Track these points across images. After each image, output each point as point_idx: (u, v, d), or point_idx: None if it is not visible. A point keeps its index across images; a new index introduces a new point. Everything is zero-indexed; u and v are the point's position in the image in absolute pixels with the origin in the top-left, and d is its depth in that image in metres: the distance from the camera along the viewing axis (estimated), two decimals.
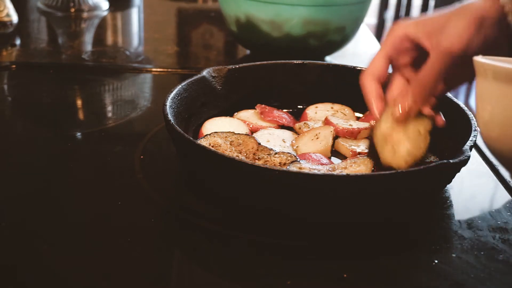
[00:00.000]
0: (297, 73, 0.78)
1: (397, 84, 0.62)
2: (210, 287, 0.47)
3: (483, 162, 0.69)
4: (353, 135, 0.69)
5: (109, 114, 0.81)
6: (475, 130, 0.58)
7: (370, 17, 3.19)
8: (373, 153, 0.60)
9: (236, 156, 0.59)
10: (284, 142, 0.67)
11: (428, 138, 0.58)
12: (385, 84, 0.63)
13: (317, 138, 0.67)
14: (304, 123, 0.71)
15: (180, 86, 0.67)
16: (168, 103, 0.62)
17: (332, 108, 0.75)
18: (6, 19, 1.08)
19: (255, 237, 0.52)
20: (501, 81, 0.42)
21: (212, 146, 0.60)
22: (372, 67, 0.62)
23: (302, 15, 0.92)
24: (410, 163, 0.57)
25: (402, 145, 0.58)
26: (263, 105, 0.74)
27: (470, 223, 0.56)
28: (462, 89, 2.39)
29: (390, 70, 0.63)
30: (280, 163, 0.58)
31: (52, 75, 0.94)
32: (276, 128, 0.71)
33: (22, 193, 0.58)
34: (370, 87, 0.62)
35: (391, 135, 0.59)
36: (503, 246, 0.53)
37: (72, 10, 1.31)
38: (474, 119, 0.60)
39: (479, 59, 0.45)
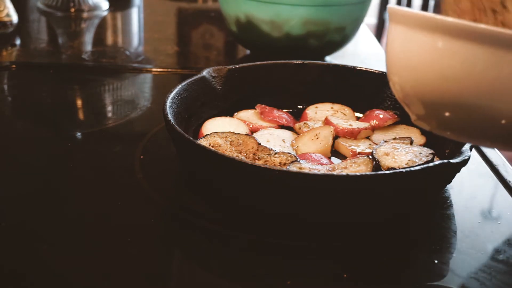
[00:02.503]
0: (297, 73, 0.78)
1: None
2: (210, 287, 0.47)
3: (483, 162, 0.69)
4: (353, 135, 0.69)
5: (109, 114, 0.81)
6: None
7: (370, 17, 3.19)
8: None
9: (236, 156, 0.59)
10: (284, 142, 0.67)
11: None
12: None
13: (317, 138, 0.67)
14: (304, 123, 0.71)
15: (180, 86, 0.67)
16: (168, 103, 0.62)
17: (332, 108, 0.75)
18: (6, 19, 1.08)
19: (255, 237, 0.52)
20: (411, 27, 0.42)
21: (212, 146, 0.60)
22: None
23: (302, 15, 0.92)
24: None
25: None
26: (263, 105, 0.74)
27: (470, 223, 0.56)
28: None
29: None
30: (280, 163, 0.58)
31: (52, 75, 0.94)
32: (276, 128, 0.71)
33: (22, 193, 0.58)
34: None
35: None
36: (503, 246, 0.53)
37: (72, 10, 1.31)
38: None
39: (392, 6, 0.45)
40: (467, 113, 0.41)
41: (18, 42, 1.09)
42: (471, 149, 0.54)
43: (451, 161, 0.51)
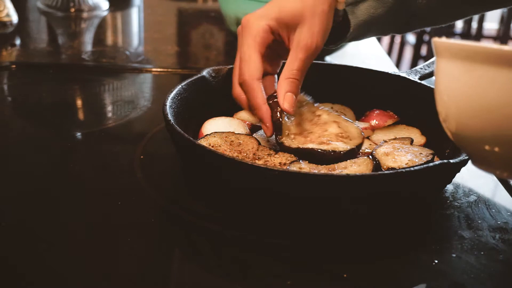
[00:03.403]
0: None
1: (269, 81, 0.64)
2: (210, 287, 0.47)
3: None
4: None
5: (109, 114, 0.81)
6: None
7: None
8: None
9: (236, 156, 0.59)
10: None
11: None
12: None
13: None
14: None
15: (180, 86, 0.67)
16: (168, 103, 0.62)
17: (332, 108, 0.75)
18: (6, 19, 1.08)
19: (255, 237, 0.52)
20: (468, 60, 0.39)
21: (212, 146, 0.60)
22: (254, 68, 0.60)
23: None
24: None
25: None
26: None
27: (470, 223, 0.56)
28: None
29: None
30: (280, 163, 0.58)
31: (52, 75, 0.94)
32: None
33: (22, 193, 0.58)
34: (260, 93, 0.60)
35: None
36: (503, 246, 0.53)
37: (72, 10, 1.31)
38: None
39: (441, 40, 0.43)
40: None
41: (18, 42, 1.09)
42: None
43: (451, 161, 0.51)
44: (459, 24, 3.20)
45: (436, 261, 0.50)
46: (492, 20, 3.63)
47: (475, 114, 0.39)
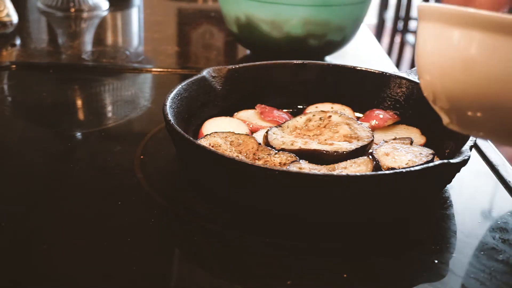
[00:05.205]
0: (297, 73, 0.78)
1: None
2: (210, 287, 0.47)
3: (483, 162, 0.69)
4: None
5: (109, 114, 0.81)
6: None
7: (370, 17, 3.19)
8: None
9: (236, 156, 0.59)
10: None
11: None
12: None
13: None
14: None
15: (180, 86, 0.67)
16: (168, 103, 0.62)
17: (332, 108, 0.75)
18: (6, 19, 1.08)
19: (255, 237, 0.52)
20: (447, 23, 0.39)
21: (212, 146, 0.60)
22: None
23: (302, 15, 0.92)
24: None
25: None
26: (263, 105, 0.74)
27: (470, 223, 0.56)
28: None
29: None
30: (280, 163, 0.58)
31: (52, 75, 0.94)
32: None
33: (22, 193, 0.58)
34: None
35: None
36: (503, 246, 0.53)
37: (72, 10, 1.31)
38: None
39: (424, 4, 0.42)
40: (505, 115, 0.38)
41: (18, 42, 1.09)
42: (471, 149, 0.54)
43: (451, 161, 0.51)
44: None
45: (436, 261, 0.50)
46: None
47: (458, 80, 0.39)
